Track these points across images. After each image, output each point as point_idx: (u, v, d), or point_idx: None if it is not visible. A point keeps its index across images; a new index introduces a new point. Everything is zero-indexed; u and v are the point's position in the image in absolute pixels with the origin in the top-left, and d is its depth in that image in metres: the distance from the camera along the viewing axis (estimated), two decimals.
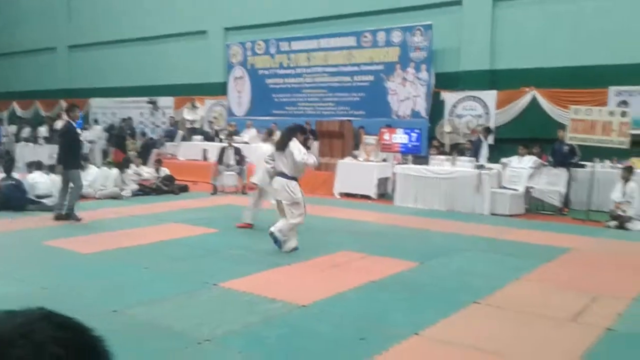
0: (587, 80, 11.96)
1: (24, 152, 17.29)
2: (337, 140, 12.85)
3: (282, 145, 6.80)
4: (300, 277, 5.70)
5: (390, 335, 4.06)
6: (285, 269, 5.95)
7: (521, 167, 10.42)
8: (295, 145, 6.69)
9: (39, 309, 0.65)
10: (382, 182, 11.76)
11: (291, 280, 5.58)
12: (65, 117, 9.43)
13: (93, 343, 0.65)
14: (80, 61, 22.35)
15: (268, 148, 7.78)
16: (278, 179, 6.76)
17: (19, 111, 23.80)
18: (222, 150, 12.37)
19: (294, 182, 6.72)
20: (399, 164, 11.65)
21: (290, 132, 6.90)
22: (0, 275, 5.62)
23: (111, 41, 20.86)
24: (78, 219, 8.58)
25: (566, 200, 10.38)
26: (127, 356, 4.00)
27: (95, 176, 11.13)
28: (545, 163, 10.69)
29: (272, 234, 6.64)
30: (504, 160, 10.91)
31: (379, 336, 4.07)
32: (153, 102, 18.27)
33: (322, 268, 6.00)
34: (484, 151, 11.47)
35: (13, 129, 20.61)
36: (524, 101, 12.88)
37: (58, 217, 8.60)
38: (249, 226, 8.12)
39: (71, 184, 8.63)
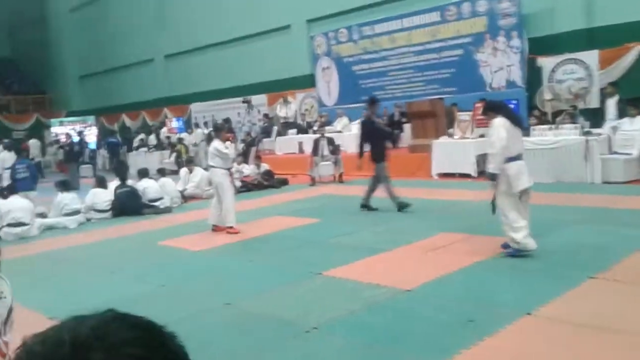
0: None
1: (137, 160, 18.53)
2: (430, 120, 12.56)
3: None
4: (402, 261, 5.68)
5: (500, 316, 3.95)
6: (387, 255, 5.95)
7: (633, 129, 9.64)
8: None
9: (109, 310, 0.65)
10: (481, 159, 11.35)
11: (393, 265, 5.57)
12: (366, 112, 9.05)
13: (168, 340, 0.65)
14: (176, 69, 23.54)
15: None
16: (523, 163, 5.58)
17: (128, 122, 25.58)
18: (316, 142, 12.55)
19: None
20: None
21: None
22: (122, 276, 6.10)
23: (202, 46, 21.77)
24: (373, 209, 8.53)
25: None
26: (241, 345, 4.20)
27: (201, 177, 11.72)
28: None
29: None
30: (613, 123, 10.14)
31: (488, 317, 3.97)
32: (247, 101, 18.86)
33: (424, 251, 5.93)
34: (611, 111, 10.63)
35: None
36: (630, 58, 11.84)
37: (402, 208, 8.38)
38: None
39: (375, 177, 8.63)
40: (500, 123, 5.46)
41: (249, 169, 12.79)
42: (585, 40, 12.54)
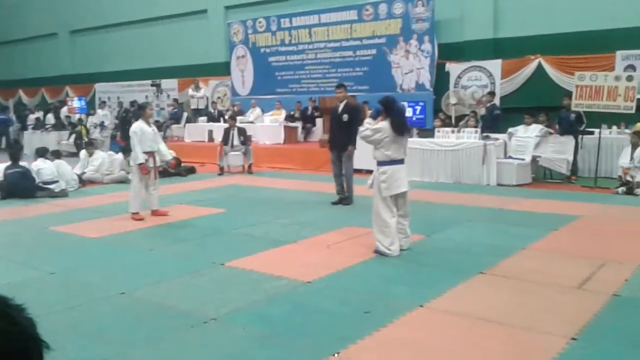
0: (594, 46, 11.75)
1: (32, 140, 17.39)
2: None
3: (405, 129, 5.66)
4: (305, 254, 5.72)
5: (395, 308, 4.08)
6: (290, 247, 5.97)
7: (527, 136, 10.32)
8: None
9: None
10: None
11: (296, 257, 5.60)
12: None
13: (12, 311, 0.62)
14: (83, 46, 22.30)
15: None
16: (400, 167, 5.60)
17: (25, 99, 23.89)
18: (227, 131, 12.36)
19: None
20: None
21: None
22: (9, 261, 5.69)
23: (112, 24, 20.78)
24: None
25: (574, 168, 10.30)
26: (136, 335, 4.04)
27: (102, 161, 11.18)
28: (552, 131, 10.58)
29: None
30: (510, 129, 10.81)
31: (383, 309, 4.08)
32: (157, 85, 18.21)
33: (327, 244, 6.01)
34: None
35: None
36: (529, 69, 12.70)
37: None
38: None
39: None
40: (382, 127, 5.49)
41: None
42: (490, 50, 13.25)
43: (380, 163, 5.55)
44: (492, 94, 12.32)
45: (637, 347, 3.41)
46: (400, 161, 5.57)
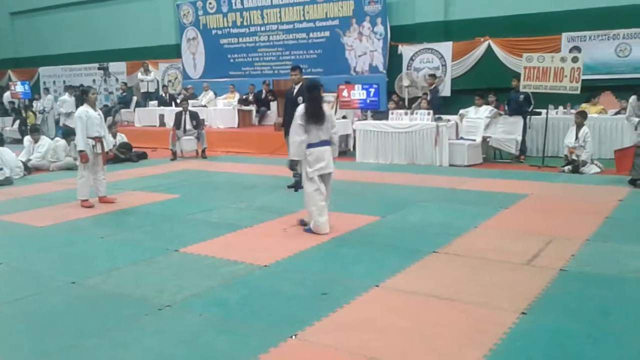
0: (541, 28, 12.06)
1: None
2: None
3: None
4: (262, 238, 5.69)
5: (351, 289, 4.11)
6: (246, 231, 5.93)
7: (478, 117, 10.53)
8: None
9: None
10: (343, 139, 11.73)
11: (253, 241, 5.57)
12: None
13: None
14: (25, 28, 21.34)
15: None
16: (323, 149, 5.68)
17: None
18: (178, 115, 12.12)
19: None
20: (358, 120, 11.63)
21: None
22: None
23: (55, 5, 19.95)
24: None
25: (522, 148, 10.59)
26: (88, 325, 3.92)
27: (47, 148, 10.80)
28: (502, 113, 10.83)
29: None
30: (461, 111, 11.00)
31: (340, 290, 4.11)
32: (104, 68, 17.63)
33: (284, 227, 6.00)
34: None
35: None
36: (479, 51, 12.93)
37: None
38: None
39: None
40: (298, 113, 5.65)
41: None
42: (441, 32, 13.40)
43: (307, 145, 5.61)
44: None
45: (582, 320, 3.55)
46: (326, 142, 5.68)
